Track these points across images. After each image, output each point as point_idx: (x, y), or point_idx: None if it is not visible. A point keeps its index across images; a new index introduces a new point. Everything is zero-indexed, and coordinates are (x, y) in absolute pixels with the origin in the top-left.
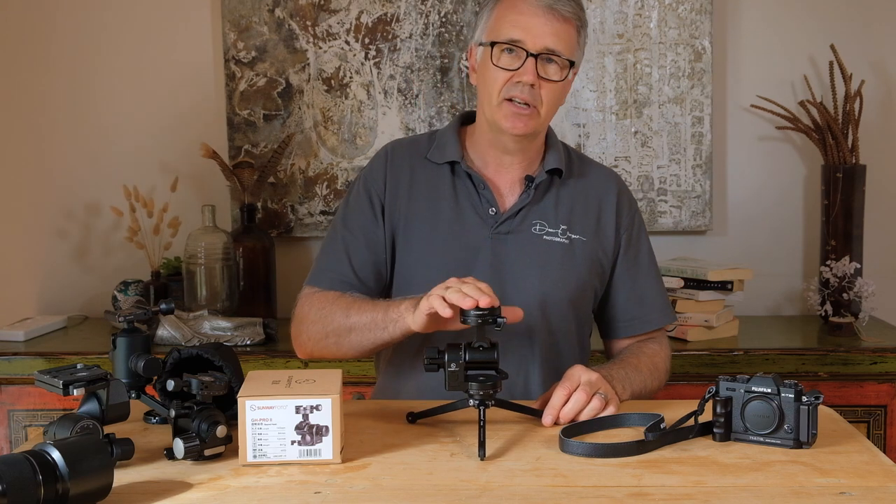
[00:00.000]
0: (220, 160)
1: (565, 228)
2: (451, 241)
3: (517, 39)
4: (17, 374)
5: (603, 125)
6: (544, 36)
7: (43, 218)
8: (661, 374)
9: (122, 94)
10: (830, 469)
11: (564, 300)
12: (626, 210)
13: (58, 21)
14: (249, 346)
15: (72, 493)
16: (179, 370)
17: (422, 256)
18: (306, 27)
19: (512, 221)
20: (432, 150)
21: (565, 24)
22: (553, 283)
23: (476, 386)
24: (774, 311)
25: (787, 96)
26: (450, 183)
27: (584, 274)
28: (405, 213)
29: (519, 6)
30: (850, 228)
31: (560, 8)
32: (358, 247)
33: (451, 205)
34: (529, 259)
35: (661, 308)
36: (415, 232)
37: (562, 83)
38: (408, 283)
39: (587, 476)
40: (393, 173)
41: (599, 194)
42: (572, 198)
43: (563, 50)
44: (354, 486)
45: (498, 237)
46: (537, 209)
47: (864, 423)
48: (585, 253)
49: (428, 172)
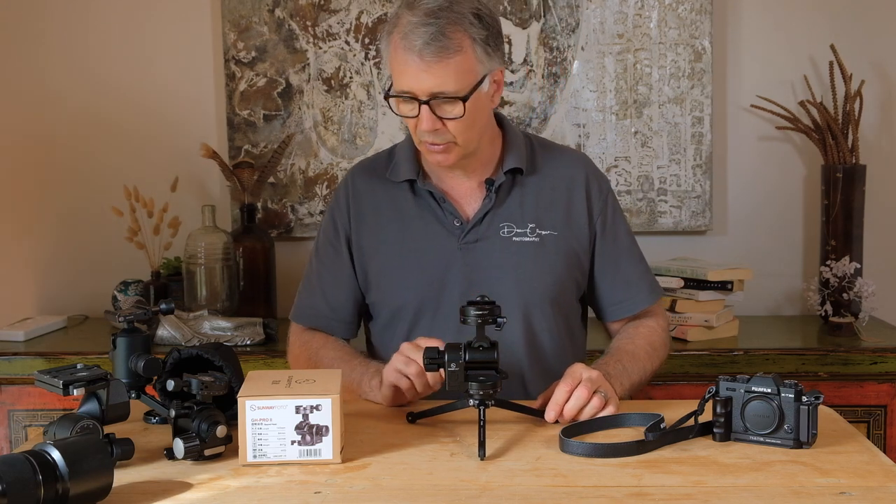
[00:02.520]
0: (220, 160)
1: (534, 227)
2: (422, 258)
3: (405, 90)
4: (17, 374)
5: (603, 125)
6: (427, 83)
7: (43, 218)
8: (659, 351)
9: (122, 94)
10: (830, 469)
11: (544, 300)
12: (596, 195)
13: (58, 20)
14: (249, 346)
15: (72, 493)
16: (179, 370)
17: (395, 278)
18: (306, 27)
19: (478, 229)
20: (391, 169)
21: (443, 65)
22: (529, 285)
23: (476, 386)
24: (774, 311)
25: (787, 96)
26: (412, 200)
27: (561, 269)
28: (374, 239)
29: (399, 55)
30: (850, 228)
31: (430, 53)
32: (330, 281)
33: (416, 222)
34: (502, 264)
35: (647, 288)
36: (385, 255)
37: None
38: (385, 305)
39: (587, 476)
40: (356, 202)
41: (567, 184)
42: (538, 193)
43: (453, 89)
44: (354, 486)
45: (467, 247)
46: (502, 211)
47: (864, 423)
48: (559, 247)
49: (390, 192)
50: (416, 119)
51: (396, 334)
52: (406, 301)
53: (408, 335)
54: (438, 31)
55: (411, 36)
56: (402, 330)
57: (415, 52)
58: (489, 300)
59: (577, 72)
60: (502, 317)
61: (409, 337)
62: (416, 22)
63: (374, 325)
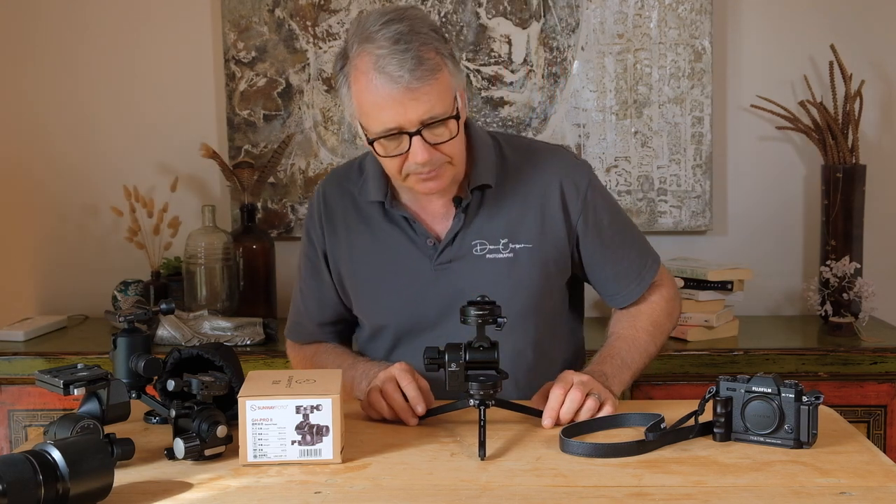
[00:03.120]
0: (220, 160)
1: (506, 242)
2: (397, 280)
3: (392, 128)
4: (18, 374)
5: (603, 125)
6: (416, 112)
7: (43, 218)
8: (664, 325)
9: (122, 94)
10: (830, 469)
11: (525, 316)
12: (572, 197)
13: (57, 20)
14: (249, 346)
15: (72, 493)
16: (179, 370)
17: (372, 299)
18: (306, 27)
19: (451, 249)
20: (360, 186)
21: (430, 88)
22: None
23: (476, 386)
24: (774, 311)
25: (787, 96)
26: (383, 220)
27: (537, 281)
28: (347, 257)
29: (373, 93)
30: (850, 228)
31: (416, 80)
32: (312, 298)
33: (389, 243)
34: (476, 284)
35: (636, 277)
36: (361, 277)
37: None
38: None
39: (587, 476)
40: (328, 217)
41: (540, 191)
42: (510, 206)
43: (442, 110)
44: (354, 486)
45: (441, 267)
46: (473, 229)
47: (864, 423)
48: (534, 260)
49: (361, 211)
50: (403, 156)
51: (380, 348)
52: (385, 322)
53: (391, 350)
54: (415, 55)
55: (388, 68)
56: (384, 346)
57: (400, 82)
58: (489, 300)
59: (577, 72)
60: (503, 317)
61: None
62: (386, 53)
63: (360, 335)
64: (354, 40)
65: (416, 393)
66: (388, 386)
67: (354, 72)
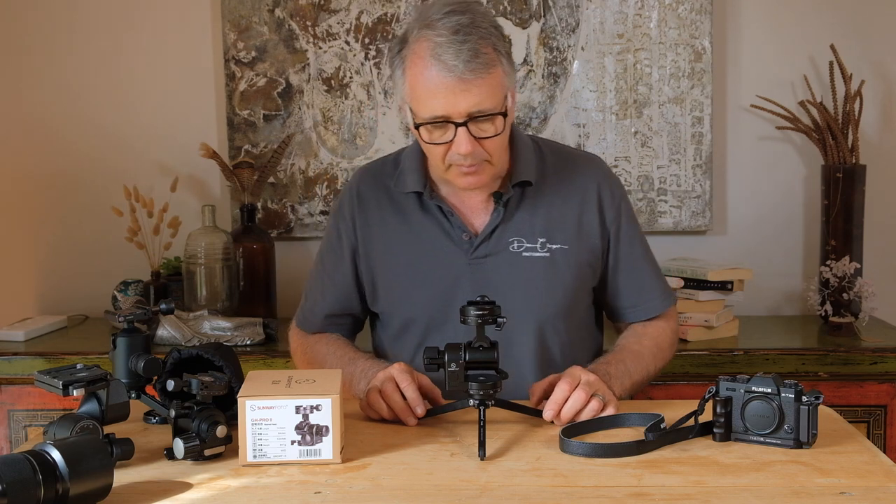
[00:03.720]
0: (220, 160)
1: (544, 241)
2: (431, 273)
3: (440, 116)
4: (17, 374)
5: (603, 125)
6: (465, 104)
7: (43, 218)
8: (666, 352)
9: (122, 94)
10: (830, 469)
11: (556, 316)
12: (609, 203)
13: (57, 20)
14: (249, 346)
15: (72, 494)
16: (179, 370)
17: (404, 292)
18: (306, 27)
19: (488, 244)
20: (397, 178)
21: (483, 81)
22: (539, 302)
23: (476, 386)
24: (774, 311)
25: (787, 96)
26: (419, 212)
27: (572, 283)
28: (381, 250)
29: (427, 80)
30: (850, 228)
31: (469, 72)
32: (332, 288)
33: (424, 235)
34: (511, 280)
35: (660, 293)
36: (394, 268)
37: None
38: (395, 316)
39: (587, 476)
40: (361, 211)
41: (579, 195)
42: (548, 206)
43: (491, 105)
44: (354, 486)
45: (476, 262)
46: (511, 226)
47: (864, 423)
48: (569, 262)
49: (396, 202)
50: (447, 145)
51: (407, 344)
52: (415, 315)
53: (419, 346)
54: (472, 47)
55: (444, 56)
56: (413, 342)
57: (454, 72)
58: (489, 300)
59: (577, 72)
60: (502, 317)
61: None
62: (444, 41)
63: (384, 333)
64: (415, 25)
65: (416, 394)
66: (388, 386)
67: (411, 56)
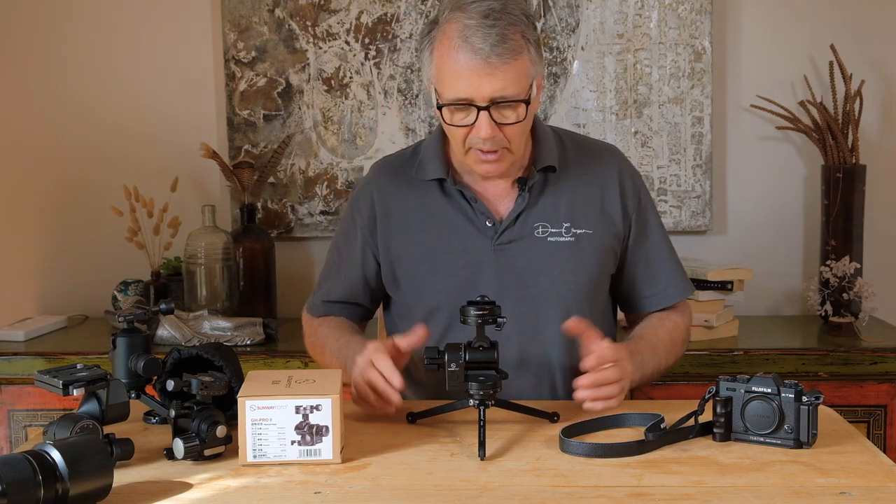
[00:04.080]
0: (220, 160)
1: (569, 226)
2: (454, 260)
3: (463, 98)
4: (17, 374)
5: (603, 125)
6: (489, 88)
7: (43, 218)
8: (678, 348)
9: (122, 94)
10: (830, 469)
11: (581, 299)
12: (630, 191)
13: (58, 20)
14: (249, 346)
15: (72, 494)
16: (179, 370)
17: (428, 280)
18: (306, 27)
19: (512, 229)
20: (417, 167)
21: (508, 67)
22: (565, 286)
23: (476, 386)
24: (774, 311)
25: (787, 96)
26: (441, 199)
27: (595, 267)
28: (402, 240)
29: (453, 61)
30: (850, 228)
31: (495, 56)
32: (340, 279)
33: (446, 222)
34: (537, 265)
35: (677, 283)
36: (416, 257)
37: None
38: (418, 306)
39: (587, 476)
40: (381, 201)
41: (600, 181)
42: (572, 191)
43: (514, 92)
44: (354, 486)
45: (501, 248)
46: (536, 211)
47: (864, 423)
48: (594, 245)
49: (417, 191)
50: (468, 128)
51: (433, 332)
52: (439, 303)
53: (443, 334)
54: (501, 32)
55: (472, 39)
56: (437, 331)
57: (480, 55)
58: (489, 300)
59: (577, 72)
60: (502, 317)
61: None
62: (474, 24)
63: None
64: (447, 7)
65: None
66: (369, 373)
67: (441, 36)
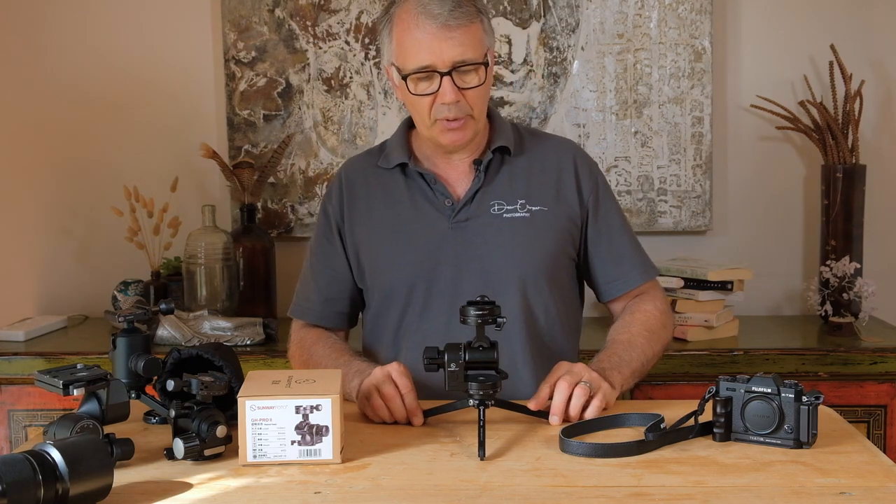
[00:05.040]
0: (220, 160)
1: (524, 202)
2: (414, 240)
3: (425, 65)
4: (17, 374)
5: (603, 125)
6: (450, 52)
7: (43, 218)
8: (659, 333)
9: (121, 94)
10: (830, 469)
11: (539, 274)
12: (586, 175)
13: (58, 18)
14: (249, 346)
15: (72, 494)
16: (179, 370)
17: (387, 259)
18: (306, 27)
19: (469, 207)
20: (383, 157)
21: (465, 30)
22: (522, 260)
23: (476, 386)
24: (774, 311)
25: (787, 96)
26: (403, 185)
27: (551, 244)
28: (366, 223)
29: (413, 31)
30: (850, 228)
31: (453, 19)
32: (324, 273)
33: (408, 205)
34: (492, 241)
35: (639, 265)
36: (376, 238)
37: (486, 81)
38: (377, 288)
39: (587, 476)
40: (349, 191)
41: (556, 163)
42: (527, 171)
43: (473, 55)
44: (354, 486)
45: (458, 226)
46: (492, 189)
47: (864, 423)
48: (549, 222)
49: (382, 179)
50: (432, 96)
51: (389, 320)
52: (398, 282)
53: (400, 319)
54: (456, 1)
55: (430, 6)
56: (395, 314)
57: (439, 19)
58: (489, 300)
59: (577, 72)
60: (502, 317)
61: (401, 322)
62: None
63: (367, 314)
64: None
65: (415, 402)
66: (387, 389)
67: (399, 12)
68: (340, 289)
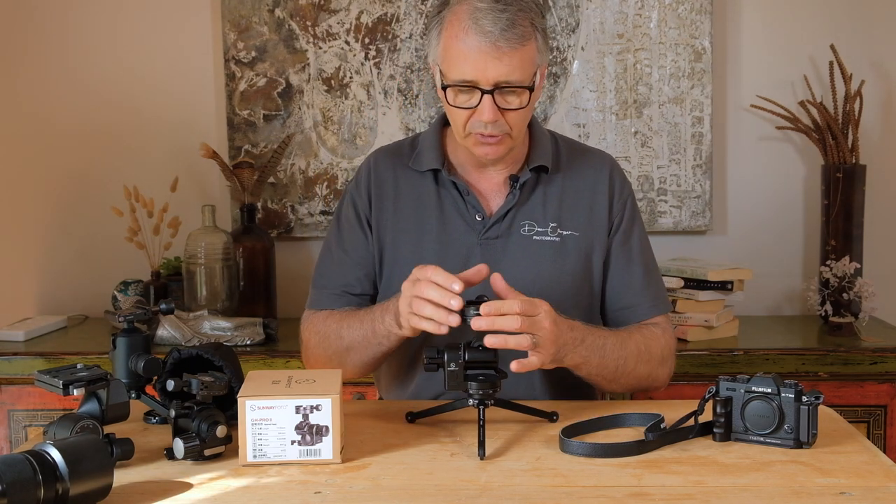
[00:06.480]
0: (220, 160)
1: (555, 226)
2: (440, 251)
3: (468, 80)
4: (17, 374)
5: (603, 125)
6: (495, 72)
7: (43, 218)
8: (653, 359)
9: (122, 94)
10: (830, 469)
11: (563, 300)
12: (617, 197)
13: (59, 20)
14: (249, 346)
15: (72, 494)
16: (179, 370)
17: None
18: (306, 27)
19: (500, 225)
20: (414, 158)
21: (515, 52)
22: (547, 284)
23: (476, 386)
24: (774, 311)
25: (787, 96)
26: (434, 191)
27: (580, 270)
28: (392, 226)
29: (461, 42)
30: (850, 228)
31: (504, 40)
32: (350, 264)
33: (437, 213)
34: (520, 262)
35: (651, 297)
36: (402, 244)
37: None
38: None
39: (587, 476)
40: (377, 186)
41: (591, 185)
42: (561, 192)
43: (520, 78)
44: (354, 486)
45: (487, 243)
46: (525, 209)
47: (864, 423)
48: (579, 248)
49: (411, 181)
50: (470, 111)
51: None
52: None
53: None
54: (511, 18)
55: (483, 22)
56: None
57: (489, 38)
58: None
59: (577, 72)
60: None
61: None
62: (485, 8)
63: None
64: None
65: (445, 275)
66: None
67: (451, 16)
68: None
